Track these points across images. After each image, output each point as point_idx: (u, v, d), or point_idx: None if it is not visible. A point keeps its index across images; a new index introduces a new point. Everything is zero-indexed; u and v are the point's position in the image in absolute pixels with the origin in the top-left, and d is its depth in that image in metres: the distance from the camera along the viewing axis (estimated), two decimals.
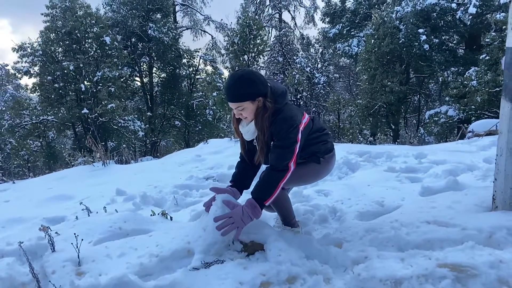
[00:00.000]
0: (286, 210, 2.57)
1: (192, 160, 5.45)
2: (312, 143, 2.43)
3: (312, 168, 2.47)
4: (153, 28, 22.35)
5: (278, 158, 2.22)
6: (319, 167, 2.48)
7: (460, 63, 17.52)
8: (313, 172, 2.50)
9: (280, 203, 2.50)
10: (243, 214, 2.14)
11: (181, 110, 24.42)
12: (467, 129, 7.60)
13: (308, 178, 2.55)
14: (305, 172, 2.46)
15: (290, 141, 2.21)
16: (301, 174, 2.43)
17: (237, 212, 2.15)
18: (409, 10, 17.15)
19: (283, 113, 2.22)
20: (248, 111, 2.23)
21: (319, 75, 24.49)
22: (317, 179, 2.64)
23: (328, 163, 2.52)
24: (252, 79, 2.20)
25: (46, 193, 4.70)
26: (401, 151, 4.94)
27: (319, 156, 2.45)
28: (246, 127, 2.33)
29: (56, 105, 18.79)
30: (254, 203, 2.16)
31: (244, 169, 2.50)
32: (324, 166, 2.51)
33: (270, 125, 2.22)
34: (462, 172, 3.73)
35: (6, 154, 24.87)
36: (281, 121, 2.20)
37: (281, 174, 2.21)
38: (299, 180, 2.50)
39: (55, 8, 18.47)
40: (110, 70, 18.82)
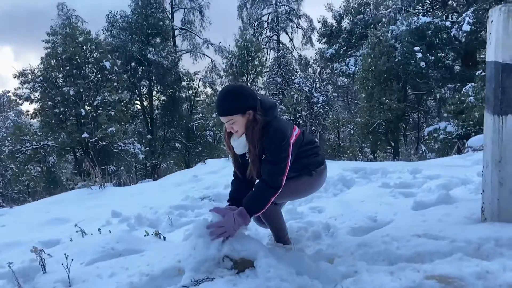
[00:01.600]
0: (279, 226, 2.57)
1: (189, 181, 5.47)
2: (303, 155, 2.43)
3: (305, 182, 2.47)
4: (152, 52, 22.69)
5: (270, 174, 2.24)
6: (312, 180, 2.48)
7: (456, 80, 17.68)
8: (305, 186, 2.50)
9: (272, 219, 2.51)
10: (234, 222, 2.17)
11: (181, 132, 24.54)
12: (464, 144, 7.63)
13: (301, 192, 2.56)
14: (297, 186, 2.46)
15: (282, 156, 2.23)
16: (294, 189, 2.44)
17: (228, 221, 2.18)
18: (404, 29, 17.42)
19: (273, 126, 2.25)
20: (238, 124, 2.25)
21: (318, 94, 24.65)
22: (310, 193, 2.64)
23: (320, 176, 2.52)
24: (241, 92, 2.25)
25: (42, 216, 4.71)
26: (396, 167, 4.96)
27: (311, 169, 2.46)
28: (237, 141, 2.35)
29: (57, 130, 18.93)
30: (244, 213, 2.19)
31: (239, 186, 2.51)
32: (317, 179, 2.51)
33: (261, 138, 2.24)
34: (455, 186, 3.74)
35: (6, 180, 24.90)
36: (272, 135, 2.22)
37: (272, 190, 2.23)
38: (292, 194, 2.52)
39: (56, 35, 18.80)
40: (110, 94, 19.03)
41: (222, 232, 2.17)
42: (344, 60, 22.68)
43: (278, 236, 2.59)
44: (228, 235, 2.17)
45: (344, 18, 23.75)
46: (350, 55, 22.86)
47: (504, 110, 2.24)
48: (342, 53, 23.09)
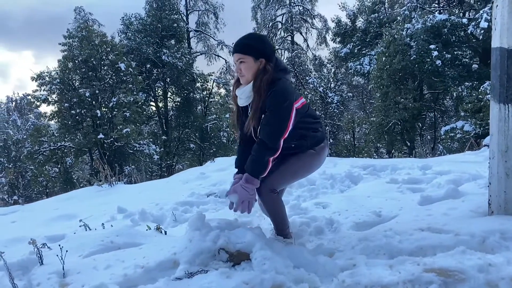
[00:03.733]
0: (280, 217, 2.51)
1: (196, 178, 5.47)
2: (303, 127, 2.36)
3: (304, 162, 2.41)
4: (167, 54, 22.89)
5: (269, 135, 2.21)
6: (311, 159, 2.42)
7: (474, 78, 17.28)
8: (305, 166, 2.45)
9: (274, 209, 2.46)
10: (246, 191, 2.22)
11: (195, 133, 24.68)
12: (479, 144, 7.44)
13: (301, 173, 2.50)
14: (296, 168, 2.40)
15: (282, 117, 2.20)
16: (293, 172, 2.41)
17: (242, 193, 2.24)
18: (420, 27, 17.12)
19: (281, 84, 2.22)
20: (247, 67, 2.25)
21: (332, 94, 24.51)
22: (309, 173, 2.57)
23: (319, 155, 2.45)
24: (263, 39, 2.34)
25: (52, 213, 4.76)
26: (406, 163, 4.86)
27: (309, 144, 2.38)
28: (242, 89, 2.32)
29: (73, 131, 19.23)
30: (250, 178, 2.22)
31: (242, 152, 2.48)
32: (316, 158, 2.44)
33: (266, 91, 2.21)
34: (466, 181, 3.63)
35: (26, 182, 25.43)
36: (277, 93, 2.19)
37: (270, 152, 2.22)
38: (291, 177, 2.48)
39: (73, 38, 19.12)
40: (125, 95, 19.25)
41: (246, 205, 2.25)
42: (358, 59, 22.44)
43: (278, 228, 2.53)
44: (251, 202, 2.26)
45: (358, 17, 23.53)
46: (365, 54, 22.60)
47: (510, 98, 2.15)
48: (356, 53, 22.86)
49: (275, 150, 2.21)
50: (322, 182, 4.34)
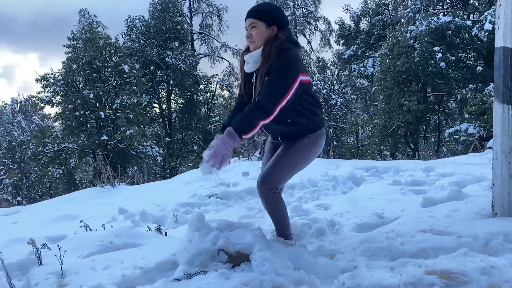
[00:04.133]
0: (281, 218, 2.47)
1: (198, 179, 5.45)
2: (303, 104, 2.28)
3: (300, 156, 2.35)
4: (170, 56, 22.92)
5: (267, 97, 2.14)
6: (307, 150, 2.35)
7: (478, 80, 17.19)
8: (302, 159, 2.38)
9: (275, 210, 2.43)
10: (224, 144, 2.10)
11: (199, 135, 24.69)
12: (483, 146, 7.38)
13: (298, 167, 2.41)
14: (293, 162, 2.34)
15: (286, 81, 2.13)
16: (290, 167, 2.35)
17: (219, 145, 2.11)
18: (423, 29, 17.07)
19: (290, 52, 2.17)
20: (259, 33, 2.22)
21: (336, 96, 24.46)
22: (307, 163, 2.46)
23: (316, 144, 2.37)
24: (277, 8, 2.31)
25: (53, 214, 4.76)
26: (409, 165, 4.82)
27: (305, 124, 2.29)
28: (251, 54, 2.28)
29: (77, 133, 19.27)
30: (233, 133, 2.10)
31: (234, 116, 2.42)
32: (313, 148, 2.37)
33: (275, 55, 2.15)
34: (469, 183, 3.59)
35: (30, 183, 25.51)
36: (285, 57, 2.14)
37: (263, 114, 2.13)
38: (290, 172, 2.40)
39: (77, 40, 19.19)
40: (129, 97, 19.26)
41: (219, 159, 2.11)
42: (362, 61, 22.39)
43: (279, 229, 2.50)
44: (225, 159, 2.12)
45: (362, 19, 23.48)
46: (369, 57, 22.56)
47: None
48: (360, 55, 22.81)
49: (268, 113, 2.12)
50: (324, 183, 4.32)
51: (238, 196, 4.36)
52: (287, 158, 2.32)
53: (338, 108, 24.41)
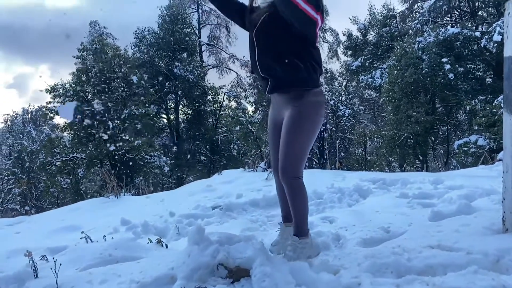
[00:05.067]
0: (303, 209, 2.34)
1: (202, 190, 5.40)
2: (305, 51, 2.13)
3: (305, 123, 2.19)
4: (179, 67, 23.08)
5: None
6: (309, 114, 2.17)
7: (488, 91, 17.04)
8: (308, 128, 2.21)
9: (299, 200, 2.30)
10: None
11: (206, 146, 24.73)
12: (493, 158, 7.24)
13: (308, 140, 2.24)
14: (302, 138, 2.19)
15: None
16: (301, 144, 2.19)
17: None
18: (432, 40, 17.01)
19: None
20: None
21: (344, 107, 24.38)
22: (316, 131, 2.28)
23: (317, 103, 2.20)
24: None
25: (56, 224, 4.73)
26: (417, 177, 4.72)
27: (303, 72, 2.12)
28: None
29: (85, 143, 19.39)
30: None
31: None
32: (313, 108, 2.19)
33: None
34: (479, 196, 3.49)
35: (39, 193, 25.68)
36: None
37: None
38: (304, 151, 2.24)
39: (86, 51, 19.42)
40: (137, 108, 19.39)
41: None
42: (370, 72, 22.35)
43: (299, 224, 2.35)
44: None
45: (370, 30, 23.50)
46: (376, 68, 22.52)
47: None
48: (368, 66, 22.78)
49: None
50: (330, 196, 4.23)
51: (242, 208, 4.29)
52: (295, 135, 2.18)
53: (346, 119, 24.33)
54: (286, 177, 2.23)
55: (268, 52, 2.17)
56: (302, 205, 2.33)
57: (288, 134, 2.19)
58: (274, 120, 2.41)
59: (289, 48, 2.11)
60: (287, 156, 2.20)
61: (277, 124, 2.36)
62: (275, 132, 2.39)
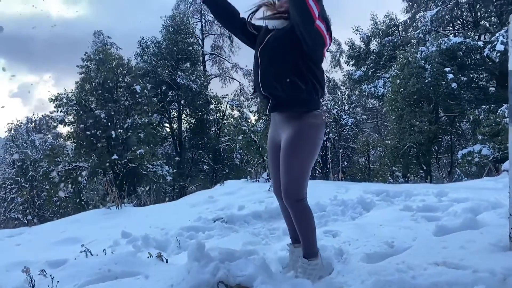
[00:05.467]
0: (310, 230, 2.29)
1: (204, 202, 5.36)
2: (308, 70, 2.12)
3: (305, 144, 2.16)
4: (182, 76, 23.16)
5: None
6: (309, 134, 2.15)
7: (491, 101, 16.97)
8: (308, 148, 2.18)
9: (305, 223, 2.26)
10: None
11: (208, 154, 24.71)
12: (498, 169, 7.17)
13: (309, 160, 2.21)
14: (302, 158, 2.16)
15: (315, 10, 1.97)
16: (302, 165, 2.16)
17: None
18: (434, 50, 17.01)
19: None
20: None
21: (346, 116, 24.32)
22: (317, 151, 2.26)
23: (317, 124, 2.18)
24: None
25: (57, 236, 4.69)
26: (420, 189, 4.67)
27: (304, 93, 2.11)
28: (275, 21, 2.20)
29: (88, 152, 19.40)
30: None
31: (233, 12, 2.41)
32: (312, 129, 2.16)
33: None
34: (484, 210, 3.44)
35: (42, 201, 25.66)
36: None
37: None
38: (305, 171, 2.21)
39: (90, 61, 19.53)
40: (140, 117, 19.43)
41: None
42: (372, 82, 22.34)
43: (307, 245, 2.29)
44: None
45: (372, 40, 23.54)
46: (379, 77, 22.50)
47: None
48: (370, 75, 22.78)
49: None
50: (333, 208, 4.19)
51: (244, 220, 4.25)
52: (295, 156, 2.15)
53: (348, 128, 24.25)
54: (289, 201, 2.20)
55: (271, 70, 2.16)
56: (309, 228, 2.29)
57: (288, 156, 2.17)
58: (273, 140, 2.40)
59: (292, 68, 2.10)
60: (288, 179, 2.17)
61: (276, 144, 2.34)
62: (275, 152, 2.37)
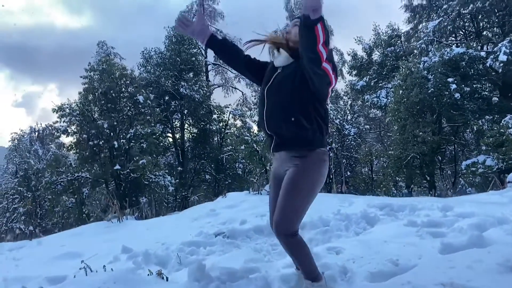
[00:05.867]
0: (306, 260, 2.27)
1: (206, 215, 5.32)
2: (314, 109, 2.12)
3: (306, 182, 2.16)
4: (185, 86, 23.22)
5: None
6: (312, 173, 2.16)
7: (495, 111, 16.93)
8: (309, 187, 2.19)
9: (298, 254, 2.25)
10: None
11: (211, 164, 24.66)
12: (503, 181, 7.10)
13: (307, 198, 2.21)
14: (302, 195, 2.15)
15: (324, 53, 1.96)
16: (300, 202, 2.15)
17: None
18: (437, 60, 17.01)
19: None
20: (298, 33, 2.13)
21: (349, 126, 24.28)
22: (317, 190, 2.26)
23: (320, 164, 2.19)
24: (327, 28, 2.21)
25: (57, 250, 4.65)
26: (425, 203, 4.61)
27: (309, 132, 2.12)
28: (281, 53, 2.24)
29: (91, 162, 19.40)
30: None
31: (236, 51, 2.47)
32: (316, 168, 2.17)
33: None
34: (491, 226, 3.38)
35: (44, 211, 25.61)
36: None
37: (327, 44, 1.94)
38: (302, 208, 2.20)
39: (93, 71, 19.63)
40: (142, 127, 19.44)
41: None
42: (375, 92, 22.34)
43: (306, 271, 2.28)
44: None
45: (375, 50, 23.58)
46: (382, 87, 22.51)
47: None
48: (373, 85, 22.79)
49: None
50: (336, 223, 4.13)
51: (246, 235, 4.19)
52: (294, 193, 2.14)
53: (351, 138, 24.19)
54: (280, 234, 2.16)
55: (276, 109, 2.17)
56: (304, 259, 2.26)
57: (287, 190, 2.15)
58: (276, 174, 2.39)
59: (298, 108, 2.11)
60: (282, 214, 2.14)
61: (279, 178, 2.33)
62: (277, 185, 2.35)
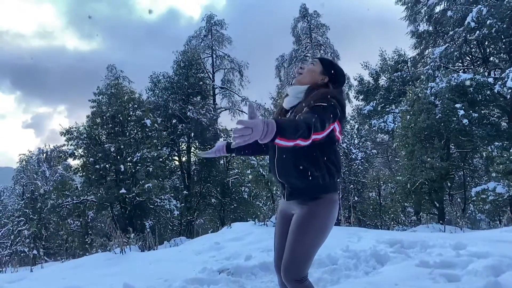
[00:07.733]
0: None
1: (209, 248, 5.18)
2: (323, 155, 2.07)
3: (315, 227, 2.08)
4: (192, 110, 23.36)
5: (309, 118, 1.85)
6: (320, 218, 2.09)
7: (504, 137, 16.73)
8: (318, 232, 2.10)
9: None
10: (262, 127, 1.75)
11: (217, 188, 24.53)
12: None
13: (316, 243, 2.13)
14: (310, 240, 2.08)
15: (326, 111, 1.92)
16: (308, 247, 2.07)
17: (257, 124, 1.76)
18: (444, 86, 16.96)
19: (335, 98, 2.05)
20: (312, 70, 2.22)
21: (356, 150, 24.14)
22: (326, 235, 2.18)
23: (329, 209, 2.11)
24: (340, 68, 2.29)
25: (57, 283, 4.53)
26: (437, 240, 4.45)
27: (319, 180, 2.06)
28: (295, 86, 2.23)
29: (97, 186, 19.37)
30: (273, 125, 1.74)
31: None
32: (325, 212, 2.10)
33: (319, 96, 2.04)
34: (507, 268, 3.23)
35: (49, 233, 25.49)
36: (330, 92, 2.08)
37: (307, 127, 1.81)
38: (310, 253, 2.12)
39: (102, 95, 19.83)
40: (149, 150, 19.46)
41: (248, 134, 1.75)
42: (382, 116, 22.27)
43: None
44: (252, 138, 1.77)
45: (381, 75, 23.64)
46: (388, 112, 22.45)
47: None
48: (380, 110, 22.74)
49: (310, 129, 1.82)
50: (345, 261, 3.99)
51: (251, 272, 4.05)
52: (303, 238, 2.07)
53: (358, 162, 24.01)
54: (288, 280, 2.07)
55: (286, 158, 2.13)
56: None
57: (296, 233, 2.08)
58: (284, 213, 2.32)
59: (307, 156, 2.06)
60: (292, 258, 2.07)
61: (286, 217, 2.27)
62: (283, 224, 2.29)
